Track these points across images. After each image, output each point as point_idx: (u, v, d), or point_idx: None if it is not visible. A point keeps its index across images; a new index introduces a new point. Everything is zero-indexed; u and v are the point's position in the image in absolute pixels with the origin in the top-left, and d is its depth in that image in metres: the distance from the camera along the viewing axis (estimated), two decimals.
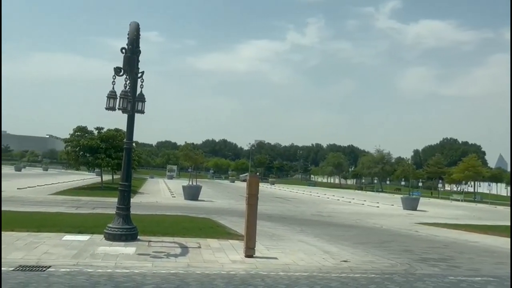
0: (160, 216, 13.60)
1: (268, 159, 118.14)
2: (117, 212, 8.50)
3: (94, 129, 27.36)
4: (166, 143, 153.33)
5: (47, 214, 12.35)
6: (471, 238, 13.20)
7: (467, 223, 18.43)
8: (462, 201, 45.91)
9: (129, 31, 8.07)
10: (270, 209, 19.88)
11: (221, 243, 8.93)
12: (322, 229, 13.60)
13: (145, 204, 18.55)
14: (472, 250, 10.70)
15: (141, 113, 8.44)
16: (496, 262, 9.11)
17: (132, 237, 8.38)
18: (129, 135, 8.62)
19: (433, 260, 8.74)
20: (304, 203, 27.37)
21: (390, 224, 16.85)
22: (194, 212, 15.85)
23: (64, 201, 17.99)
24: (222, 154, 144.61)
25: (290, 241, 10.07)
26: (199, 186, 24.21)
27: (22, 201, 16.68)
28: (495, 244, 12.02)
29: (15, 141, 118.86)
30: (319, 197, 37.01)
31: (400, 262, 8.25)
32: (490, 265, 8.68)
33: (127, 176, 8.63)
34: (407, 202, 27.19)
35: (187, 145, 26.28)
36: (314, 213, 20.03)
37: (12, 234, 8.35)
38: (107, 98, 7.86)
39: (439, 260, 8.85)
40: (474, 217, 24.22)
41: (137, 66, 8.26)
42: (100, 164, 26.35)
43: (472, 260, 9.19)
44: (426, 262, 8.46)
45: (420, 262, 8.39)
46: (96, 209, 15.09)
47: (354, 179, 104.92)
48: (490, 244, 12.13)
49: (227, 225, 12.18)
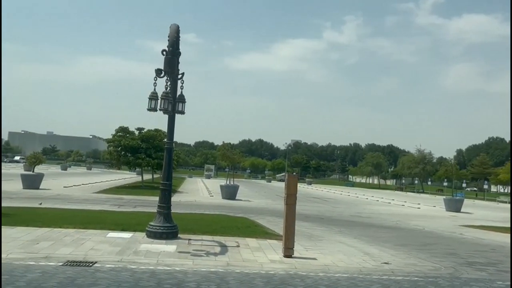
0: (199, 215, 13.82)
1: (305, 159, 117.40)
2: (158, 210, 8.70)
3: (135, 129, 28.13)
4: (204, 143, 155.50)
5: (92, 211, 12.83)
6: None
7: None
8: (509, 203, 43.77)
9: (170, 33, 8.24)
10: (307, 209, 19.74)
11: (260, 242, 8.96)
12: (361, 230, 13.36)
13: (184, 203, 18.88)
14: None
15: (182, 113, 8.60)
16: None
17: (173, 235, 8.55)
18: (170, 135, 8.80)
19: (480, 264, 8.39)
20: (342, 204, 26.99)
21: (432, 226, 16.32)
22: (232, 211, 15.98)
23: (107, 199, 18.60)
24: (258, 154, 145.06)
25: (329, 242, 9.96)
26: (237, 186, 24.38)
27: (68, 199, 17.40)
28: None
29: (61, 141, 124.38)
30: (357, 197, 36.39)
31: (444, 265, 7.98)
32: None
33: (168, 176, 8.80)
34: (450, 204, 26.24)
35: (225, 144, 26.48)
36: (353, 214, 19.72)
37: (61, 230, 8.73)
38: (149, 99, 8.05)
39: (486, 264, 8.49)
40: None
41: (177, 68, 8.42)
42: (141, 164, 27.06)
43: None
44: (473, 266, 8.14)
45: (466, 266, 8.08)
46: (137, 208, 15.52)
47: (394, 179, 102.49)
48: None
49: (264, 225, 12.21)
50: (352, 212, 21.02)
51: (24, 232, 8.34)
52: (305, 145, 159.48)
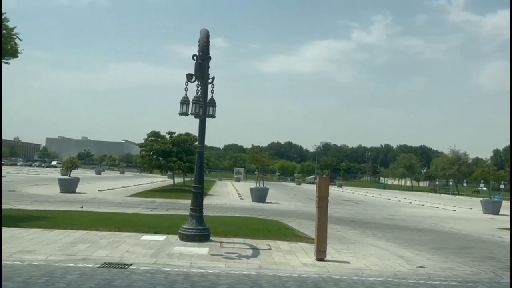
0: (229, 218, 13.89)
1: (335, 161, 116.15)
2: (190, 213, 8.82)
3: (166, 133, 28.62)
4: (233, 146, 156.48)
5: (125, 214, 13.12)
6: None
7: None
8: None
9: (200, 38, 8.36)
10: (338, 212, 19.50)
11: (291, 245, 8.92)
12: (394, 233, 13.10)
13: (214, 206, 19.03)
14: None
15: (212, 117, 8.70)
16: None
17: (205, 238, 8.64)
18: (201, 139, 8.91)
19: None
20: (374, 206, 26.53)
21: (469, 229, 15.81)
22: (262, 214, 15.98)
23: (140, 202, 18.98)
24: (287, 156, 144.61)
25: (362, 245, 9.81)
26: (267, 188, 24.38)
27: (103, 202, 17.87)
28: None
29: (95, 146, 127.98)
30: (389, 199, 35.67)
31: (483, 270, 7.71)
32: None
33: (199, 179, 8.91)
34: (488, 206, 25.33)
35: (255, 147, 26.56)
36: (385, 217, 19.34)
37: (97, 233, 8.97)
38: (180, 104, 8.18)
39: None
40: None
41: (207, 72, 8.52)
42: (172, 167, 27.52)
43: None
44: None
45: (506, 270, 7.77)
46: (169, 210, 15.75)
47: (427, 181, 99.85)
48: None
49: (295, 228, 12.15)
50: (384, 214, 20.63)
51: (63, 234, 8.62)
52: (335, 147, 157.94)
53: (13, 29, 10.91)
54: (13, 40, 10.81)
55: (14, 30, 10.92)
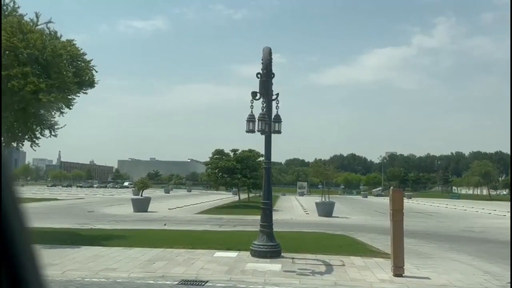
0: (298, 233, 13.77)
1: (402, 172, 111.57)
2: (261, 229, 8.86)
3: (230, 151, 29.20)
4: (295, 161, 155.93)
5: (197, 232, 13.48)
6: None
7: None
8: None
9: (263, 56, 8.52)
10: (411, 224, 18.55)
11: (365, 261, 8.64)
12: (475, 246, 12.24)
13: (281, 221, 18.95)
14: None
15: (278, 133, 8.76)
16: None
17: (277, 254, 8.63)
18: (267, 155, 9.00)
19: None
20: (449, 218, 25.02)
21: None
22: (330, 229, 15.67)
23: (208, 219, 19.41)
24: (351, 169, 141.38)
25: (441, 260, 9.28)
26: (333, 202, 23.91)
27: (174, 220, 18.50)
28: None
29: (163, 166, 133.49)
30: (465, 210, 33.49)
31: None
32: None
33: (268, 195, 8.96)
34: None
35: (318, 161, 26.28)
36: (463, 229, 18.15)
37: (172, 250, 9.29)
38: (247, 121, 8.34)
39: None
40: None
41: (271, 89, 8.63)
42: (237, 184, 27.93)
43: None
44: None
45: None
46: (236, 227, 15.96)
47: (506, 189, 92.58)
48: None
49: (367, 242, 11.77)
50: (462, 226, 19.37)
51: (141, 252, 9.03)
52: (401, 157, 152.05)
53: (90, 62, 11.85)
54: (91, 72, 11.71)
55: (91, 63, 11.86)
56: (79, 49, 11.40)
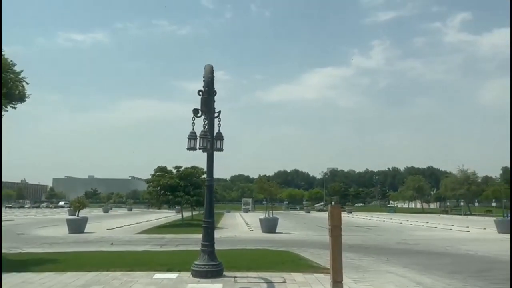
0: (241, 251, 13.70)
1: (343, 187, 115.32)
2: (202, 248, 8.70)
3: (173, 168, 28.68)
4: (240, 177, 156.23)
5: (136, 253, 12.97)
6: None
7: None
8: None
9: (204, 73, 8.49)
10: (351, 238, 19.16)
11: (306, 277, 8.74)
12: (410, 258, 12.81)
13: (224, 239, 18.80)
14: None
15: (220, 150, 8.72)
16: None
17: (218, 273, 8.49)
18: (209, 173, 8.90)
19: None
20: (387, 231, 26.09)
21: (485, 250, 15.45)
22: (273, 245, 15.76)
23: (149, 239, 18.80)
24: (294, 185, 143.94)
25: (378, 273, 9.60)
26: (276, 218, 24.12)
27: (112, 241, 17.70)
28: None
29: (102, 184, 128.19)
30: (401, 223, 35.11)
31: None
32: None
33: (209, 213, 8.84)
34: (503, 225, 24.82)
35: (262, 177, 26.51)
36: (399, 241, 18.98)
37: (108, 274, 8.85)
38: (188, 139, 8.22)
39: None
40: None
41: (213, 106, 8.61)
42: (180, 202, 27.40)
43: None
44: None
45: None
46: (179, 246, 15.59)
47: (437, 202, 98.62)
48: None
49: (308, 258, 11.94)
50: (398, 239, 20.25)
51: (74, 277, 8.51)
52: (342, 172, 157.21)
53: (20, 73, 11.05)
54: (21, 85, 10.96)
55: (21, 74, 11.06)
56: (7, 59, 10.67)
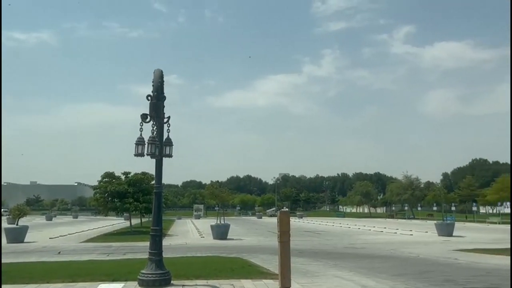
0: (191, 258, 13.51)
1: (294, 192, 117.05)
2: (149, 257, 8.48)
3: (122, 174, 27.87)
4: (192, 183, 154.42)
5: (80, 262, 12.45)
6: None
7: (508, 247, 17.56)
8: (499, 224, 44.02)
9: (154, 78, 8.34)
10: (300, 244, 19.49)
11: (255, 283, 8.75)
12: (356, 262, 13.21)
13: (175, 246, 18.50)
14: None
15: (169, 157, 8.57)
16: None
17: (166, 282, 8.31)
18: (158, 180, 8.72)
19: None
20: (335, 236, 26.76)
21: (426, 252, 16.24)
22: (224, 252, 15.70)
23: (95, 248, 18.13)
24: (247, 190, 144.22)
25: (325, 277, 9.80)
26: (227, 225, 24.05)
27: (55, 250, 16.89)
28: None
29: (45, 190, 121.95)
30: (349, 228, 36.16)
31: None
32: None
33: (158, 220, 8.64)
34: (442, 228, 26.24)
35: (213, 183, 26.36)
36: (347, 246, 19.53)
37: (49, 286, 8.40)
38: (136, 145, 8.02)
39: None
40: None
41: (162, 111, 8.45)
42: (129, 209, 26.64)
43: None
44: None
45: None
46: (127, 255, 15.13)
47: (384, 207, 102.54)
48: None
49: (259, 264, 11.99)
50: (346, 243, 20.83)
51: None
52: (294, 178, 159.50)
53: None
54: None
55: None
56: None
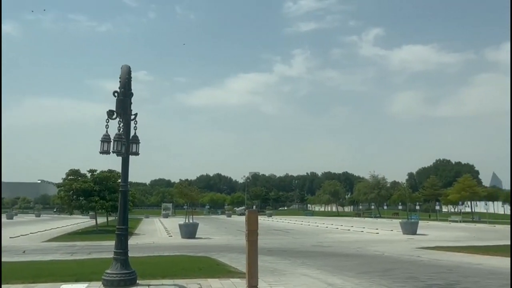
0: (158, 258, 13.33)
1: (264, 191, 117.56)
2: (114, 257, 8.30)
3: (87, 171, 27.19)
4: (160, 181, 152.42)
5: (41, 262, 12.05)
6: (474, 261, 13.04)
7: (468, 245, 18.27)
8: (461, 222, 45.68)
9: (121, 74, 8.16)
10: (269, 242, 19.58)
11: (223, 282, 8.73)
12: (324, 260, 13.39)
13: (141, 246, 18.21)
14: (477, 273, 10.55)
15: (136, 154, 8.41)
16: (502, 284, 8.97)
17: (131, 282, 8.15)
18: (124, 178, 8.53)
19: (439, 286, 8.59)
20: (304, 234, 27.04)
21: (391, 250, 16.65)
22: (192, 251, 15.58)
23: (58, 247, 17.62)
24: (217, 189, 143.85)
25: (293, 276, 9.88)
26: (196, 224, 23.88)
27: (15, 250, 16.28)
28: (499, 266, 11.86)
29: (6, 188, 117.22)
30: (317, 226, 36.62)
31: None
32: None
33: (124, 219, 8.46)
34: (407, 227, 26.98)
35: (182, 182, 26.11)
36: (315, 244, 19.77)
37: (9, 287, 8.09)
38: (101, 142, 7.83)
39: (445, 285, 8.71)
40: (475, 238, 24.04)
41: (130, 108, 8.28)
42: (94, 207, 26.03)
43: (478, 283, 9.05)
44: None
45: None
46: (92, 254, 14.79)
47: (351, 206, 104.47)
48: (494, 265, 11.98)
49: (227, 263, 11.96)
50: (314, 242, 21.08)
51: None
52: (263, 176, 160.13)
53: None
54: None
55: None
56: None
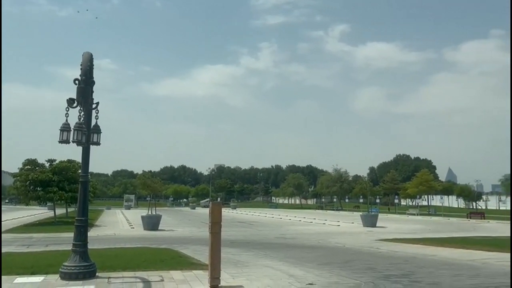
0: (119, 250, 13.10)
1: (229, 183, 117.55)
2: (73, 249, 8.09)
3: (46, 161, 26.28)
4: (123, 172, 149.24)
5: None
6: (429, 252, 13.61)
7: (424, 237, 19.03)
8: (417, 215, 47.48)
9: (82, 61, 7.90)
10: (233, 234, 19.65)
11: (185, 274, 8.69)
12: (286, 252, 13.57)
13: (102, 237, 17.84)
14: (431, 264, 11.01)
15: (97, 144, 8.19)
16: (454, 274, 9.41)
17: (90, 275, 7.98)
18: (84, 168, 8.30)
19: (395, 277, 8.91)
20: (267, 226, 27.30)
21: (352, 242, 17.10)
22: (155, 243, 15.42)
23: (13, 239, 16.98)
24: (181, 181, 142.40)
25: (255, 267, 9.97)
26: (159, 216, 23.61)
27: None
28: (452, 257, 12.44)
29: None
30: (281, 219, 37.06)
31: (364, 281, 8.35)
32: (450, 278, 8.96)
33: (83, 211, 8.25)
34: (367, 219, 27.77)
35: (145, 173, 25.70)
36: (278, 236, 20.00)
37: None
38: (60, 131, 7.57)
39: (401, 276, 9.03)
40: (430, 230, 25.07)
41: (91, 97, 8.04)
42: (53, 198, 25.22)
43: (432, 274, 9.45)
44: (389, 279, 8.61)
45: (383, 279, 8.53)
46: (49, 246, 14.37)
47: (314, 198, 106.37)
48: (447, 256, 12.55)
49: (190, 255, 11.91)
50: (277, 234, 21.33)
51: None
52: (229, 169, 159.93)
53: None
54: None
55: None
56: None
